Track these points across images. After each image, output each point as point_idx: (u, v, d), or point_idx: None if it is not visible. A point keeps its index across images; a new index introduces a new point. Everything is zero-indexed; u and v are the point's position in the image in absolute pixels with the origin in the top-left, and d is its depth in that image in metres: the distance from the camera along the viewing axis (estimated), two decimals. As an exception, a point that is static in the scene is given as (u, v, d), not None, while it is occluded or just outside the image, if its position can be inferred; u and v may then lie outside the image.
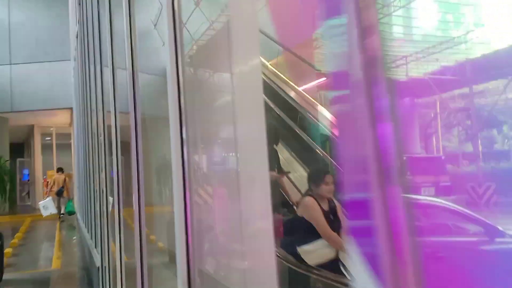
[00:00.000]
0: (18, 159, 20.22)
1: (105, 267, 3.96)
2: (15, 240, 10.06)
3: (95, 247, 5.28)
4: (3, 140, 16.11)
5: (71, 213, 13.85)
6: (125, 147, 2.58)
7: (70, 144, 19.99)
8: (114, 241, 3.39)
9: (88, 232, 7.24)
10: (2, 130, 16.09)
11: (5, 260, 8.10)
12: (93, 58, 5.19)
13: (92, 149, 5.58)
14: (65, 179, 14.71)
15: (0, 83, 14.91)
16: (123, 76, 2.51)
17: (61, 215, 14.14)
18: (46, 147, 19.98)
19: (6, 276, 6.64)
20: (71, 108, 14.86)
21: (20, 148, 23.23)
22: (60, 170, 15.21)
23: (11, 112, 14.99)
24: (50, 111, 15.75)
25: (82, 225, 9.11)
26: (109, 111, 3.40)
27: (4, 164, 15.56)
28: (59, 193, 14.33)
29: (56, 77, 15.03)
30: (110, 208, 3.67)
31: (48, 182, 15.21)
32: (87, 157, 6.65)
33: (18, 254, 8.95)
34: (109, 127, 3.41)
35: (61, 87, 14.93)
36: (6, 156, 16.30)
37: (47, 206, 13.37)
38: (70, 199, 14.34)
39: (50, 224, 13.78)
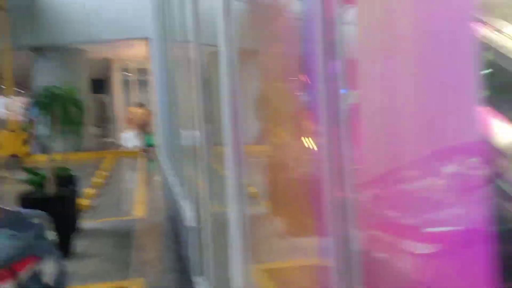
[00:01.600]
0: (99, 95, 19.88)
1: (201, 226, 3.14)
2: (98, 179, 9.27)
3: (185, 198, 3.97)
4: (82, 73, 15.43)
5: (151, 145, 14.21)
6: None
7: (148, 80, 19.34)
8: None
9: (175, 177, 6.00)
10: (80, 63, 15.35)
11: (88, 201, 7.30)
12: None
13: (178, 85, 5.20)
14: (145, 114, 14.98)
15: (77, 12, 13.90)
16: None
17: (142, 148, 14.44)
18: (126, 83, 19.40)
19: (85, 224, 5.61)
20: (148, 38, 13.63)
21: (100, 84, 23.06)
22: (140, 105, 15.41)
23: (88, 43, 14.06)
24: (127, 43, 14.66)
25: (167, 166, 8.06)
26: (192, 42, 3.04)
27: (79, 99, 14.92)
28: (142, 127, 14.70)
29: (131, 3, 13.70)
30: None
31: (130, 117, 15.51)
32: (172, 93, 6.08)
33: (100, 194, 8.09)
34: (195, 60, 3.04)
35: (137, 14, 13.64)
36: (87, 91, 15.72)
37: (129, 139, 14.18)
38: (150, 133, 14.70)
39: (132, 161, 13.13)
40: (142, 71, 19.34)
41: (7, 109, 14.75)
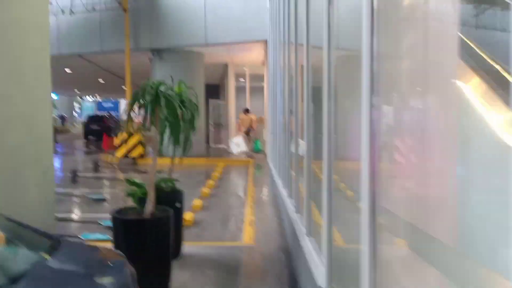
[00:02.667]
0: (212, 100, 19.79)
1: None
2: (206, 189, 8.51)
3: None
4: (199, 77, 15.22)
5: (258, 151, 15.02)
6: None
7: (262, 87, 18.75)
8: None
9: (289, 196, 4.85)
10: (198, 66, 15.15)
11: (193, 215, 6.48)
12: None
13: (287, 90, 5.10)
14: (251, 120, 15.36)
15: (195, 14, 13.68)
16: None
17: (249, 153, 15.00)
18: (240, 90, 19.02)
19: (187, 248, 4.69)
20: (265, 41, 12.83)
21: (215, 89, 23.19)
22: (246, 111, 15.72)
23: (205, 45, 13.72)
24: (244, 47, 14.05)
25: (277, 175, 7.05)
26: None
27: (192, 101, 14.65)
28: (247, 133, 15.19)
29: (250, 4, 13.04)
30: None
31: (238, 123, 16.03)
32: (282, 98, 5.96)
33: (207, 207, 7.25)
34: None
35: (256, 16, 12.94)
36: (201, 95, 15.49)
37: (238, 143, 14.62)
38: (257, 139, 15.36)
39: (242, 170, 12.36)
40: (257, 77, 18.81)
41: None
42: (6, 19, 3.74)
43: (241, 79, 19.48)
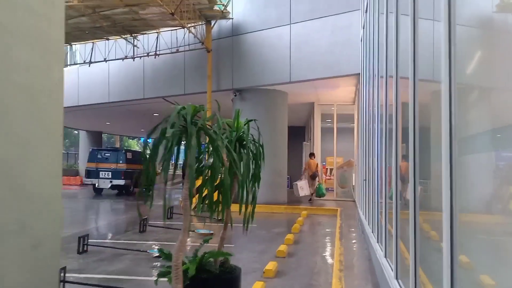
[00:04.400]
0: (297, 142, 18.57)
1: None
2: (283, 247, 7.08)
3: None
4: (282, 117, 14.14)
5: (321, 195, 15.42)
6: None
7: (350, 128, 17.17)
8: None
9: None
10: (282, 105, 14.12)
11: (263, 286, 5.10)
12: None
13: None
14: (317, 165, 15.79)
15: (279, 50, 12.81)
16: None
17: (311, 197, 15.44)
18: (325, 131, 17.60)
19: None
20: (356, 76, 11.45)
21: (299, 132, 22.04)
22: (312, 155, 16.03)
23: (289, 83, 12.68)
24: (331, 83, 12.78)
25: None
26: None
27: (253, 140, 13.60)
28: (313, 177, 15.54)
29: (338, 35, 11.83)
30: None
31: (305, 167, 16.27)
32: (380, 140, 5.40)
33: (283, 273, 5.81)
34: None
35: (345, 47, 11.68)
36: (284, 137, 14.36)
37: (302, 187, 14.88)
38: (320, 183, 15.69)
39: (328, 221, 10.72)
40: (344, 117, 17.31)
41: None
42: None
43: (328, 120, 18.09)
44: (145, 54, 14.49)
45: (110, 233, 9.54)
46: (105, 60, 15.61)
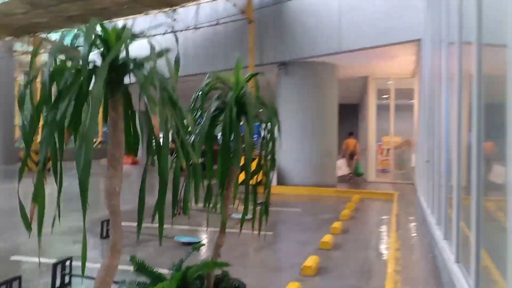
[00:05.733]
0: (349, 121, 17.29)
1: None
2: (327, 238, 6.07)
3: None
4: (331, 94, 12.91)
5: (359, 174, 15.24)
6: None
7: (408, 105, 15.56)
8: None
9: None
10: (331, 80, 12.87)
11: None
12: None
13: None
14: (355, 143, 15.69)
15: (327, 17, 11.53)
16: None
17: (350, 176, 15.29)
18: (382, 108, 16.09)
19: None
20: (417, 42, 9.98)
21: (352, 109, 20.62)
22: (351, 134, 16.09)
23: (339, 53, 11.39)
24: (387, 52, 11.33)
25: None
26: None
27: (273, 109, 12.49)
28: (351, 156, 15.40)
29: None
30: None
31: (344, 147, 15.91)
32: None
33: (325, 269, 4.84)
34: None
35: (403, 9, 10.22)
36: (334, 115, 13.14)
37: (340, 166, 14.47)
38: (358, 162, 15.39)
39: (383, 206, 9.53)
40: (402, 93, 15.70)
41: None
42: None
43: (384, 96, 16.54)
44: (185, 28, 13.75)
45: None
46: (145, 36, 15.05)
